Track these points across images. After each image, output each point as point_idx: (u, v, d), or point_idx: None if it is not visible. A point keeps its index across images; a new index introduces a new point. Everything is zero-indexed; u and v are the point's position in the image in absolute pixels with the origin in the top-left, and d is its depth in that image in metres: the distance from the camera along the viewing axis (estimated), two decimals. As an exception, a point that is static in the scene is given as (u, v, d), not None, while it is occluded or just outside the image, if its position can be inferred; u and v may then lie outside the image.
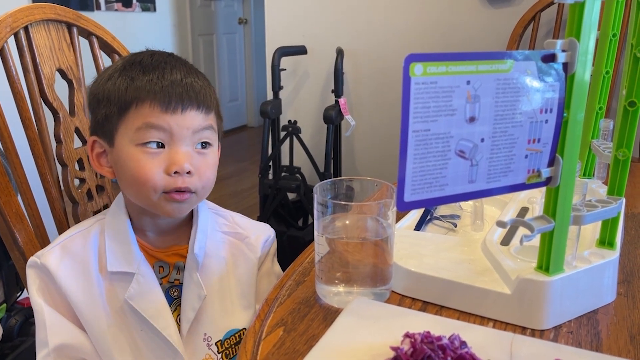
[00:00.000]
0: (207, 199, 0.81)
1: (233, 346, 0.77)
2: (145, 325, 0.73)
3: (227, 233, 0.83)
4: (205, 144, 0.73)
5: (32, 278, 0.72)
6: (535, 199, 0.82)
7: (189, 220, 0.80)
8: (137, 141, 0.69)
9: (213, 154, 0.75)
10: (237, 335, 0.78)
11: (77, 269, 0.73)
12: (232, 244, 0.82)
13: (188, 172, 0.70)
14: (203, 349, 0.75)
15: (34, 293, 0.71)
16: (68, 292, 0.71)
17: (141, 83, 0.69)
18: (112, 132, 0.71)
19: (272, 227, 2.25)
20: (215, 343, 0.76)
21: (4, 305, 1.54)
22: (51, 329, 0.70)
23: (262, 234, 0.85)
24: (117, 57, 1.01)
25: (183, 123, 0.69)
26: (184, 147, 0.70)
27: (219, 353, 0.76)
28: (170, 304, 0.76)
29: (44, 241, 0.84)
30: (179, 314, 0.76)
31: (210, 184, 0.75)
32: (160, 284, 0.75)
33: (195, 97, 0.70)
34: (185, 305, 0.75)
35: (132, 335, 0.73)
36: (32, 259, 0.73)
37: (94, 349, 0.73)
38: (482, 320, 0.57)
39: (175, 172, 0.69)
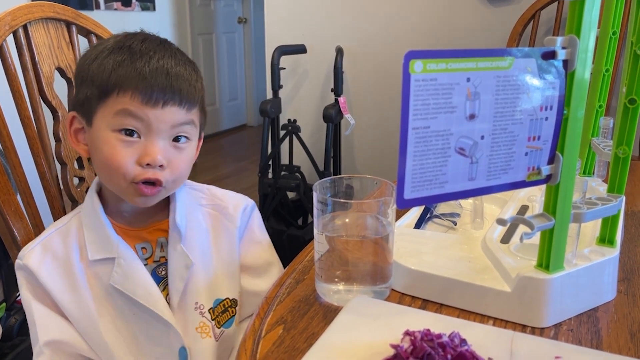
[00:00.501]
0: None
1: (221, 314, 0.78)
2: (135, 306, 0.73)
3: (206, 205, 0.83)
4: (183, 138, 0.72)
5: (20, 278, 0.73)
6: (535, 197, 0.81)
7: (167, 197, 0.79)
8: (114, 126, 0.68)
9: (190, 149, 0.74)
10: (222, 304, 0.78)
11: (59, 266, 0.73)
12: (211, 215, 0.82)
13: (160, 166, 0.69)
14: (196, 317, 0.76)
15: (23, 292, 0.72)
16: (53, 291, 0.71)
17: (125, 70, 0.68)
18: (91, 113, 0.71)
19: (271, 226, 2.26)
20: (208, 310, 0.77)
21: (4, 304, 1.54)
22: (40, 325, 0.71)
23: (240, 203, 0.84)
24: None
25: (162, 117, 0.69)
26: (160, 140, 0.69)
27: (212, 320, 0.77)
28: (158, 283, 0.75)
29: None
30: (169, 292, 0.76)
31: (182, 178, 0.74)
32: (145, 265, 0.75)
33: (178, 91, 0.69)
34: (172, 276, 0.75)
35: (124, 321, 0.73)
36: (17, 261, 0.73)
37: (87, 343, 0.73)
38: (482, 318, 0.57)
39: (147, 164, 0.69)
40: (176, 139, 0.71)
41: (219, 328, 0.77)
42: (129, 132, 0.68)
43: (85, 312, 0.72)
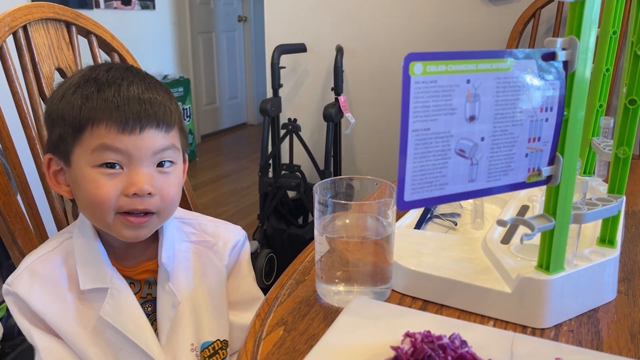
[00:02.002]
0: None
1: (209, 358, 0.75)
2: (124, 341, 0.71)
3: (195, 242, 0.80)
4: (167, 162, 0.70)
5: (10, 304, 0.71)
6: (535, 197, 0.81)
7: (157, 234, 0.77)
8: (94, 163, 0.66)
9: (177, 172, 0.72)
10: (210, 347, 0.75)
11: (49, 292, 0.70)
12: (200, 253, 0.79)
13: (149, 194, 0.67)
14: (191, 359, 0.73)
15: (18, 318, 0.70)
16: (45, 317, 0.69)
17: (96, 102, 0.65)
18: (68, 152, 0.68)
19: (272, 225, 2.26)
20: (200, 353, 0.75)
21: (4, 304, 1.54)
22: (43, 349, 0.69)
23: (231, 238, 0.82)
24: (116, 55, 1.01)
25: (142, 144, 0.66)
26: (144, 168, 0.67)
27: None
28: None
29: (43, 240, 0.84)
30: (156, 329, 0.74)
31: (174, 204, 0.72)
32: None
33: (154, 115, 0.67)
34: (160, 316, 0.73)
35: (115, 353, 0.71)
36: (4, 287, 0.71)
37: None
38: (483, 319, 0.57)
39: (134, 194, 0.66)
40: (160, 164, 0.69)
41: None
42: (111, 165, 0.66)
43: (78, 340, 0.70)
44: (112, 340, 0.71)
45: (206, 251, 0.80)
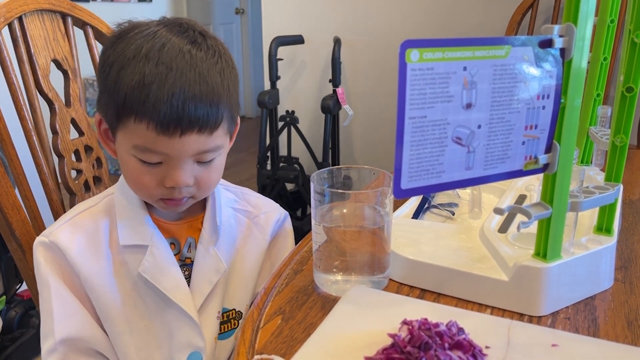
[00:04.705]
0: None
1: (220, 324, 0.76)
2: (160, 300, 0.70)
3: (238, 210, 0.80)
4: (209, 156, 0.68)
5: (41, 258, 0.69)
6: (533, 187, 0.81)
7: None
8: (134, 153, 0.65)
9: (219, 159, 0.71)
10: (225, 314, 0.76)
11: (90, 245, 0.70)
12: (241, 222, 0.80)
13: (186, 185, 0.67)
14: (217, 327, 0.74)
15: (42, 272, 0.68)
16: (82, 270, 0.68)
17: (140, 96, 0.61)
18: (114, 128, 0.67)
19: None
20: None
21: (4, 297, 1.54)
22: (58, 315, 0.67)
23: (273, 213, 0.82)
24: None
25: (181, 147, 0.64)
26: (183, 165, 0.66)
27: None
28: None
29: (40, 232, 0.83)
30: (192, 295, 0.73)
31: (212, 186, 0.73)
32: None
33: (196, 121, 0.62)
34: (198, 279, 0.73)
35: (147, 313, 0.71)
36: (39, 239, 0.69)
37: (106, 338, 0.70)
38: (480, 307, 0.58)
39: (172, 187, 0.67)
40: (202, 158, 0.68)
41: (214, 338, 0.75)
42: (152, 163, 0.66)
43: (112, 298, 0.69)
44: (147, 300, 0.71)
45: (248, 222, 0.80)
